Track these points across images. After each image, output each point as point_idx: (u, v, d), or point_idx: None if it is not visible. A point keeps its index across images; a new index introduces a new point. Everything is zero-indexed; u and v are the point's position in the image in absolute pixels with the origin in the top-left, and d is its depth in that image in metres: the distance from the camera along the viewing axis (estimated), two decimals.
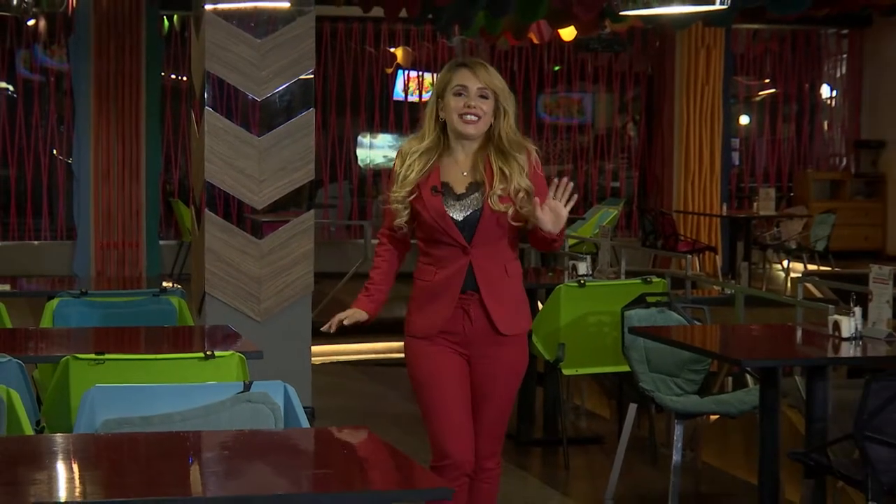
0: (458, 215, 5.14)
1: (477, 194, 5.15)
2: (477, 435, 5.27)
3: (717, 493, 7.65)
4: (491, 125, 5.18)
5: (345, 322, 5.41)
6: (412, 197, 5.18)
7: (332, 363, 11.78)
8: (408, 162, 5.20)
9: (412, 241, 5.49)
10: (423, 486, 3.54)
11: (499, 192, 5.08)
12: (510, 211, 5.10)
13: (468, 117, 5.13)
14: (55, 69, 17.01)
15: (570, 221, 15.64)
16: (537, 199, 5.02)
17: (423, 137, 5.23)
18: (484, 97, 5.14)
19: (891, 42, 19.33)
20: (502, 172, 5.11)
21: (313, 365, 8.91)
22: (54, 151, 17.05)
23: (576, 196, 5.09)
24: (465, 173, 5.19)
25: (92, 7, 14.86)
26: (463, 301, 5.19)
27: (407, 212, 5.23)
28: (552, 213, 5.01)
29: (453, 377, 5.22)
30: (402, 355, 12.03)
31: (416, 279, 5.39)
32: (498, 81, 5.21)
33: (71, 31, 15.64)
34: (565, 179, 5.01)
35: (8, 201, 16.90)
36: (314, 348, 8.90)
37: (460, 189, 5.17)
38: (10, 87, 17.20)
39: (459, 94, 5.14)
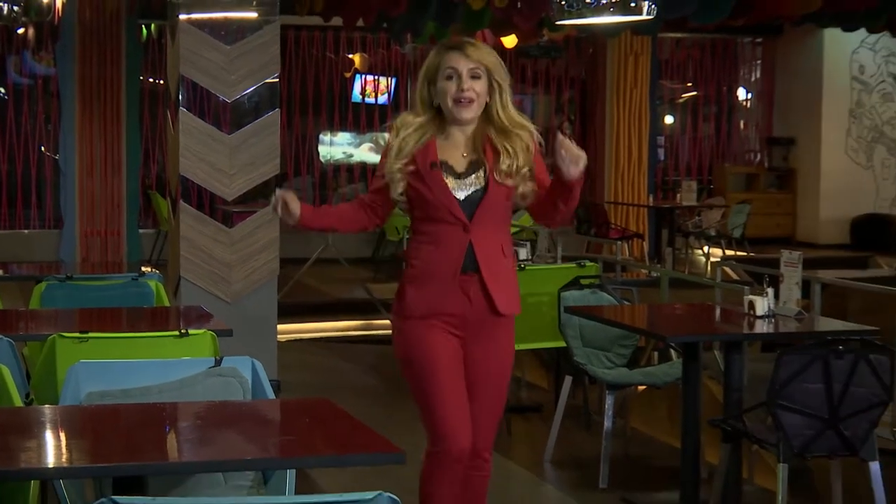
0: (460, 194, 4.62)
1: (478, 173, 4.64)
2: (473, 424, 4.70)
3: (644, 456, 7.68)
4: (487, 104, 4.65)
5: (280, 204, 4.78)
6: (409, 169, 4.63)
7: (296, 340, 11.75)
8: (402, 134, 4.65)
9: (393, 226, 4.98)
10: (379, 451, 3.54)
11: (504, 167, 4.60)
12: (520, 188, 4.68)
13: (463, 101, 4.59)
14: (43, 73, 16.93)
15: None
16: (562, 146, 4.45)
17: (418, 114, 4.69)
18: (476, 77, 4.59)
19: (800, 49, 19.43)
20: (506, 150, 4.61)
21: (279, 342, 8.90)
22: (42, 148, 16.97)
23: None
24: (464, 154, 4.67)
25: (76, 16, 14.75)
26: (463, 282, 4.63)
27: (403, 183, 4.65)
28: (569, 156, 4.46)
29: (451, 361, 4.66)
30: (362, 332, 11.94)
31: (410, 259, 4.75)
32: (489, 57, 4.63)
33: (57, 39, 15.52)
34: (561, 137, 4.51)
35: (0, 194, 16.81)
36: (280, 327, 8.89)
37: (460, 168, 4.64)
38: (2, 90, 17.09)
39: (451, 78, 4.59)
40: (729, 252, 16.41)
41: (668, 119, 20.16)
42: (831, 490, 6.03)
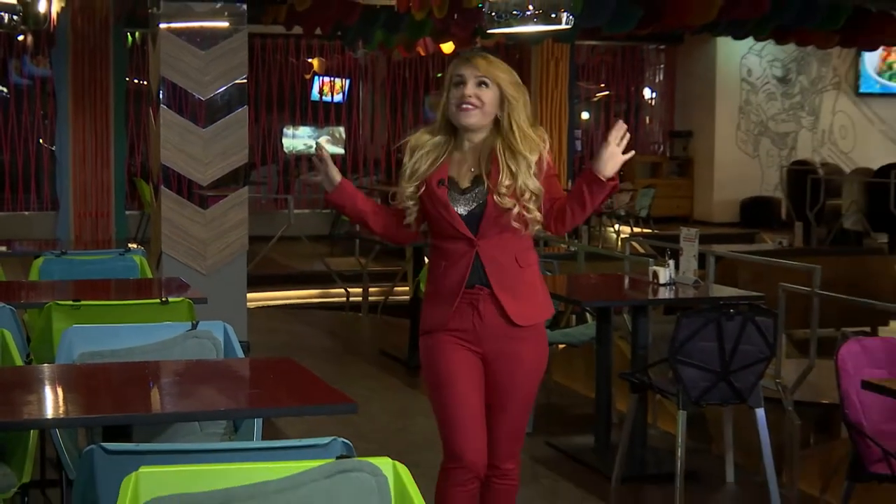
0: (463, 210, 3.95)
1: (481, 188, 3.96)
2: (496, 436, 4.07)
3: (565, 405, 7.71)
4: (499, 117, 3.98)
5: (322, 163, 4.06)
6: (421, 191, 4.00)
7: (263, 307, 11.72)
8: (417, 155, 4.00)
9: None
10: (334, 402, 3.54)
11: (503, 189, 3.91)
12: (515, 210, 3.94)
13: (464, 106, 3.93)
14: (40, 75, 16.80)
15: None
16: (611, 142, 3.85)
17: (434, 132, 4.04)
18: (483, 85, 3.94)
19: (697, 55, 19.52)
20: (509, 169, 3.92)
21: (248, 309, 8.86)
22: (40, 140, 16.86)
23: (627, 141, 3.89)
24: (472, 168, 4.00)
25: (70, 25, 14.57)
26: (471, 296, 3.97)
27: (416, 208, 4.03)
28: (610, 157, 3.86)
29: (467, 377, 4.00)
30: (320, 300, 11.92)
31: (428, 274, 4.14)
32: (501, 71, 3.96)
33: (53, 45, 15.35)
34: (622, 124, 3.88)
35: (3, 180, 16.70)
36: (249, 295, 8.85)
37: (465, 183, 3.98)
38: (4, 90, 16.94)
39: (457, 85, 3.96)
40: (636, 229, 16.51)
41: (585, 115, 20.22)
42: (723, 432, 6.09)
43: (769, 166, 19.50)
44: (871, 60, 19.95)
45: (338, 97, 18.86)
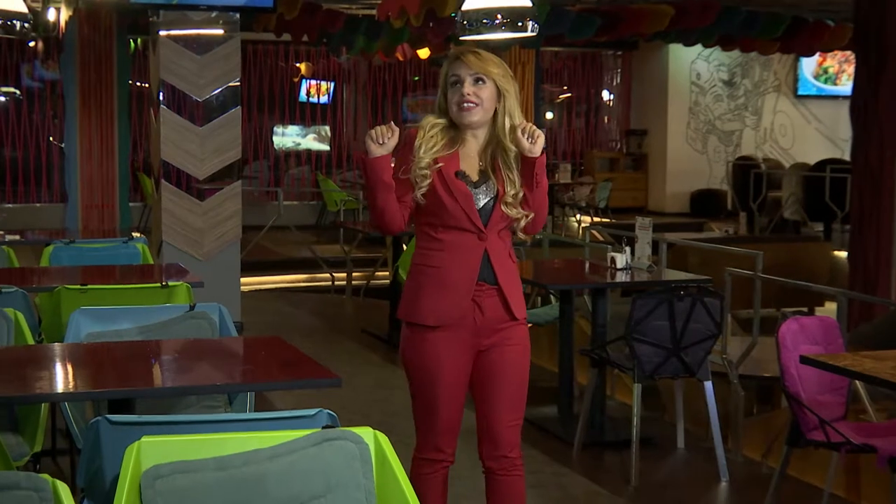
0: (478, 203, 3.65)
1: (489, 183, 3.65)
2: (497, 423, 3.74)
3: (530, 379, 7.65)
4: (498, 110, 3.69)
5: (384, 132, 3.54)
6: (437, 167, 3.62)
7: (255, 290, 11.69)
8: (430, 133, 3.64)
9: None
10: (320, 377, 3.54)
11: (509, 199, 3.63)
12: (521, 222, 3.69)
13: (465, 105, 3.61)
14: (50, 78, 16.75)
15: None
16: (523, 129, 3.64)
17: (441, 118, 3.71)
18: (480, 82, 3.64)
19: (651, 60, 19.56)
20: (509, 178, 3.65)
21: (242, 292, 8.84)
22: (51, 138, 16.80)
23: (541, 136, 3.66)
24: (480, 163, 3.67)
25: (77, 32, 14.49)
26: (478, 290, 3.65)
27: (427, 182, 3.60)
28: (527, 137, 3.62)
29: (455, 376, 3.69)
30: (307, 284, 11.88)
31: (420, 265, 3.69)
32: (493, 66, 3.68)
33: (61, 50, 15.25)
34: (529, 128, 3.63)
35: (16, 175, 16.65)
36: (242, 279, 8.84)
37: (475, 177, 3.65)
38: (17, 92, 16.86)
39: (455, 85, 3.65)
40: (596, 219, 16.54)
41: (549, 115, 20.22)
42: (675, 403, 6.11)
43: (716, 161, 19.56)
44: (809, 65, 20.03)
45: (323, 98, 18.82)
